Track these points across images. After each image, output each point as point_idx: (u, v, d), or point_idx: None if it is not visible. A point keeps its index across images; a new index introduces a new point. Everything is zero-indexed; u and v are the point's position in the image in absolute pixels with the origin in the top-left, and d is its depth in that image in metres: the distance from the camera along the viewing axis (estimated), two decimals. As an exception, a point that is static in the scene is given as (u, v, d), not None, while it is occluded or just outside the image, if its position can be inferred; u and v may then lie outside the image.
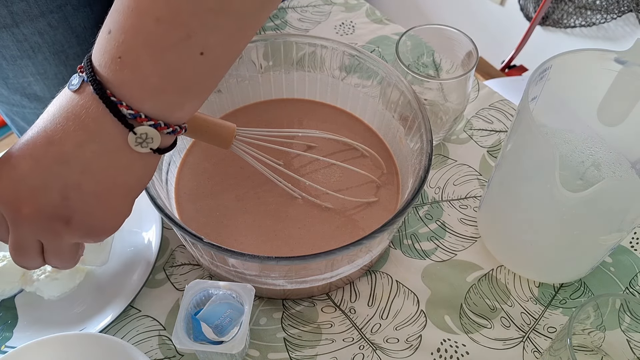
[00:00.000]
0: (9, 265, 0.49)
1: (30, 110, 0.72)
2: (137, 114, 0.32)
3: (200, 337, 0.42)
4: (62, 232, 0.36)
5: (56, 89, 0.77)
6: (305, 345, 0.49)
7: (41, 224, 0.35)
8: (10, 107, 0.73)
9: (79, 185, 0.34)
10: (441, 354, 0.49)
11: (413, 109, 0.51)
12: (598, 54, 0.44)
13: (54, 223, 0.35)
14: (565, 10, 1.44)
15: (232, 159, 0.54)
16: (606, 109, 0.47)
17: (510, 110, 0.67)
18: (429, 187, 0.60)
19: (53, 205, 0.34)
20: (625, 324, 0.44)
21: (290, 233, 0.51)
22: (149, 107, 0.33)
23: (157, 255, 0.52)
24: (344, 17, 0.77)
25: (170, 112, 0.34)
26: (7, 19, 0.59)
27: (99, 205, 0.35)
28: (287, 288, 0.49)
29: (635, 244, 0.56)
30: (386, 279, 0.53)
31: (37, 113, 0.72)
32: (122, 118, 0.33)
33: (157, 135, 0.34)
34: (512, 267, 0.54)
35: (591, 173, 0.51)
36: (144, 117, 0.33)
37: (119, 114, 0.32)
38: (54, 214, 0.34)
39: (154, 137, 0.34)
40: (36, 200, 0.34)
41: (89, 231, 0.37)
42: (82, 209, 0.35)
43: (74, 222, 0.35)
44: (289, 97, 0.62)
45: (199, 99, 0.36)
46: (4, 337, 0.48)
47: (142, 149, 0.34)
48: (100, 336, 0.45)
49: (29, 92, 0.69)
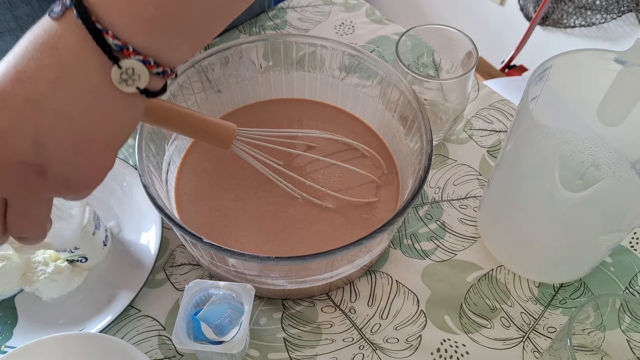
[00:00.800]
0: (9, 265, 0.49)
1: None
2: (124, 46, 0.29)
3: (200, 337, 0.42)
4: (35, 185, 0.31)
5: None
6: (305, 345, 0.49)
7: (10, 175, 0.30)
8: None
9: (53, 131, 0.30)
10: (441, 354, 0.49)
11: (413, 109, 0.51)
12: (598, 54, 0.44)
13: (26, 174, 0.30)
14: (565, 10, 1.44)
15: (232, 159, 0.54)
16: (606, 109, 0.47)
17: (510, 110, 0.67)
18: (429, 187, 0.60)
19: (24, 152, 0.30)
20: (625, 324, 0.44)
21: (290, 233, 0.51)
22: (139, 42, 0.29)
23: (157, 255, 0.51)
24: (344, 17, 0.77)
25: (162, 50, 0.31)
26: (11, 23, 0.59)
27: (76, 155, 0.31)
28: (287, 288, 0.49)
29: (635, 244, 0.56)
30: (386, 279, 0.53)
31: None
32: (107, 49, 0.29)
33: (145, 72, 0.30)
34: (512, 267, 0.54)
35: (591, 173, 0.51)
36: (132, 51, 0.29)
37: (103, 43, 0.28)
38: (25, 163, 0.30)
39: (141, 74, 0.30)
40: (4, 146, 0.29)
41: (67, 184, 0.32)
42: (58, 158, 0.30)
43: (49, 173, 0.31)
44: (289, 97, 0.62)
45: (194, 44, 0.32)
46: (3, 337, 0.48)
47: (127, 87, 0.30)
48: (100, 336, 0.45)
49: None
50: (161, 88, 0.33)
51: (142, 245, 0.53)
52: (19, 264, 0.50)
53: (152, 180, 0.47)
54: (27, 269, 0.50)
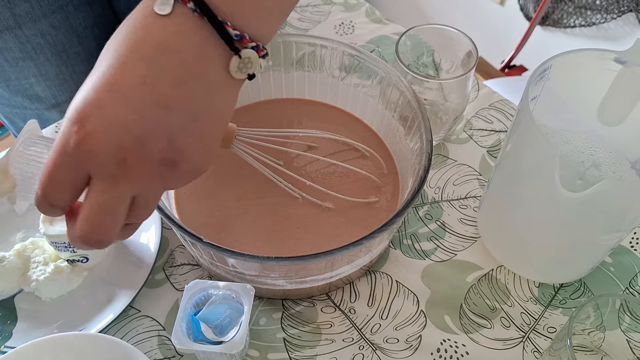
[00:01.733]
0: (9, 265, 0.49)
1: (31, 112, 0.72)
2: (243, 35, 0.30)
3: (200, 337, 0.42)
4: (168, 176, 0.32)
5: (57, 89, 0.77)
6: (305, 346, 0.49)
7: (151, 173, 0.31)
8: (11, 109, 0.73)
9: (184, 128, 0.31)
10: (441, 354, 0.49)
11: (413, 109, 0.51)
12: (598, 54, 0.44)
13: (161, 168, 0.31)
14: (565, 10, 1.44)
15: (232, 159, 0.54)
16: (606, 109, 0.47)
17: (510, 110, 0.67)
18: (429, 187, 0.60)
19: (161, 151, 0.31)
20: (625, 324, 0.44)
21: (290, 233, 0.51)
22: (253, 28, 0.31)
23: (156, 255, 0.51)
24: (344, 16, 0.77)
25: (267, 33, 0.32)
26: (10, 21, 0.59)
27: (203, 144, 0.33)
28: (287, 288, 0.49)
29: (635, 244, 0.56)
30: (386, 279, 0.53)
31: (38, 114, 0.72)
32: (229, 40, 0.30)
33: (257, 58, 0.32)
34: (512, 267, 0.54)
35: (591, 173, 0.51)
36: (249, 39, 0.30)
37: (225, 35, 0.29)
38: (161, 159, 0.31)
39: (253, 62, 0.32)
40: (143, 149, 0.30)
41: (195, 170, 0.34)
42: (189, 151, 0.32)
43: (181, 164, 0.32)
44: (288, 97, 0.62)
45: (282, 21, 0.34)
46: (3, 337, 0.48)
47: (242, 74, 0.32)
48: (100, 336, 0.45)
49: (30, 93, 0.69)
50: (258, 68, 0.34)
51: (141, 245, 0.53)
52: (18, 264, 0.50)
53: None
54: (27, 269, 0.50)
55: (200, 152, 0.33)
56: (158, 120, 0.30)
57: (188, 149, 0.32)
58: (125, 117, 0.29)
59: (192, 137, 0.32)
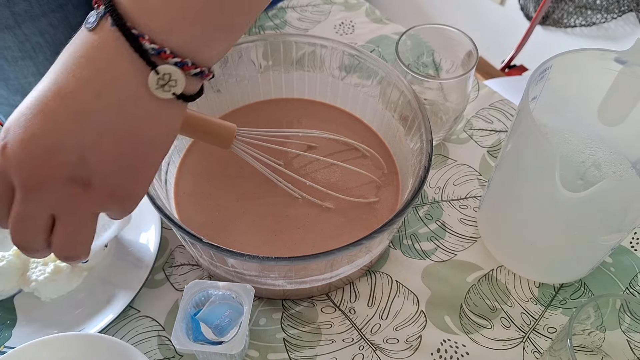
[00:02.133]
0: (8, 265, 0.49)
1: None
2: (161, 49, 0.28)
3: (200, 337, 0.42)
4: (81, 197, 0.31)
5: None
6: (305, 346, 0.49)
7: (58, 189, 0.31)
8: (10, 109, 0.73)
9: (96, 144, 0.30)
10: (441, 355, 0.49)
11: (413, 109, 0.51)
12: (598, 53, 0.44)
13: (72, 187, 0.31)
14: (565, 9, 1.44)
15: (232, 159, 0.54)
16: (606, 109, 0.47)
17: (510, 110, 0.67)
18: (429, 187, 0.60)
19: (71, 167, 0.30)
20: (626, 324, 0.44)
21: (290, 233, 0.51)
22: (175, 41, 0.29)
23: (156, 255, 0.51)
24: (344, 16, 0.77)
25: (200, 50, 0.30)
26: (9, 20, 0.59)
27: (119, 165, 0.31)
28: (287, 288, 0.49)
29: (635, 244, 0.55)
30: (386, 279, 0.53)
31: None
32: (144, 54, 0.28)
33: (182, 77, 0.30)
34: (512, 267, 0.53)
35: (591, 173, 0.51)
36: (169, 53, 0.29)
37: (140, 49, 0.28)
38: (71, 176, 0.30)
39: (177, 79, 0.30)
40: (51, 161, 0.30)
41: (112, 195, 0.32)
42: (102, 169, 0.31)
43: (95, 184, 0.31)
44: (288, 96, 0.62)
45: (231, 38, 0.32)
46: (2, 337, 0.48)
47: (164, 93, 0.30)
48: (99, 336, 0.45)
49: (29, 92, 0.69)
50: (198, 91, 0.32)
51: (141, 245, 0.53)
52: (18, 264, 0.50)
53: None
54: (26, 269, 0.50)
55: (119, 177, 0.32)
56: (71, 132, 0.29)
57: (101, 169, 0.31)
58: (39, 128, 0.29)
59: (106, 157, 0.30)
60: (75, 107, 0.29)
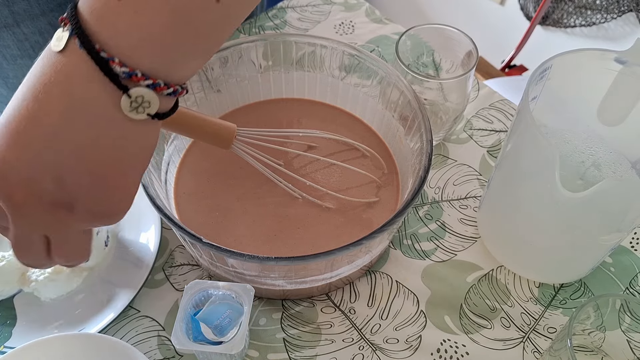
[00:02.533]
0: (8, 265, 0.49)
1: None
2: (132, 72, 0.28)
3: (200, 337, 0.42)
4: (66, 220, 0.32)
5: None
6: (305, 346, 0.49)
7: (42, 215, 0.31)
8: None
9: (71, 168, 0.30)
10: (441, 355, 0.49)
11: (413, 109, 0.51)
12: (598, 53, 0.44)
13: (56, 212, 0.31)
14: (565, 9, 1.44)
15: (232, 159, 0.54)
16: (606, 109, 0.47)
17: (510, 110, 0.67)
18: (429, 187, 0.60)
19: (50, 193, 0.30)
20: (626, 324, 0.44)
21: (290, 233, 0.51)
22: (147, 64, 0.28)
23: (156, 255, 0.51)
24: (344, 16, 0.77)
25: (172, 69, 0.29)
26: (8, 18, 0.59)
27: (96, 187, 0.31)
28: (287, 288, 0.49)
29: (635, 244, 0.55)
30: (386, 279, 0.53)
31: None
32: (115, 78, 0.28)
33: (155, 98, 0.29)
34: (512, 267, 0.54)
35: (591, 173, 0.51)
36: (141, 76, 0.28)
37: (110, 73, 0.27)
38: (53, 202, 0.30)
39: (151, 101, 0.29)
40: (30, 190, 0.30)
41: (96, 215, 0.32)
42: (80, 192, 0.31)
43: (77, 207, 0.31)
44: (288, 97, 0.62)
45: (204, 56, 0.31)
46: (2, 337, 0.48)
47: (138, 115, 0.29)
48: (99, 336, 0.45)
49: None
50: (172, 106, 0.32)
51: (141, 245, 0.53)
52: (18, 264, 0.50)
53: (151, 180, 0.47)
54: (26, 269, 0.50)
55: (99, 197, 0.31)
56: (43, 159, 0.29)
57: (81, 191, 0.30)
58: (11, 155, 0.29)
59: (83, 180, 0.30)
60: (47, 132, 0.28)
